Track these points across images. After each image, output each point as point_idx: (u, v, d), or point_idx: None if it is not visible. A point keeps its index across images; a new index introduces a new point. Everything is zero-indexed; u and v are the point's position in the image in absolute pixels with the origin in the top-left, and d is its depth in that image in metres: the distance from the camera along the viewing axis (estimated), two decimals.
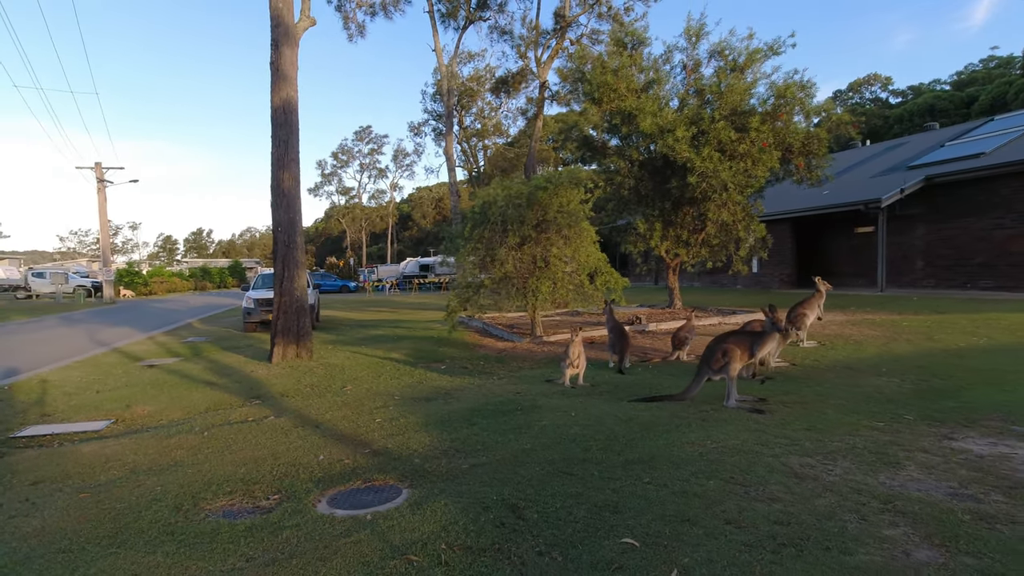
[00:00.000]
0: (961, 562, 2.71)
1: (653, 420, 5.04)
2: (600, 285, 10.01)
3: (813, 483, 3.64)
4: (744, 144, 11.02)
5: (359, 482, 4.11)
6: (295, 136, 10.06)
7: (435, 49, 21.05)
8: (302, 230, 10.28)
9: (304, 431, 5.52)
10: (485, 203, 10.13)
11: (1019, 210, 14.54)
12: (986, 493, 3.46)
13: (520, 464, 4.20)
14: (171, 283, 43.13)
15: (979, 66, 58.28)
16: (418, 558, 2.93)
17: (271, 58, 9.92)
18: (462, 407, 6.07)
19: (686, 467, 3.94)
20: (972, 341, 8.43)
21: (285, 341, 9.83)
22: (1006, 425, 4.73)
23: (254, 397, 7.47)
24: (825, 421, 4.95)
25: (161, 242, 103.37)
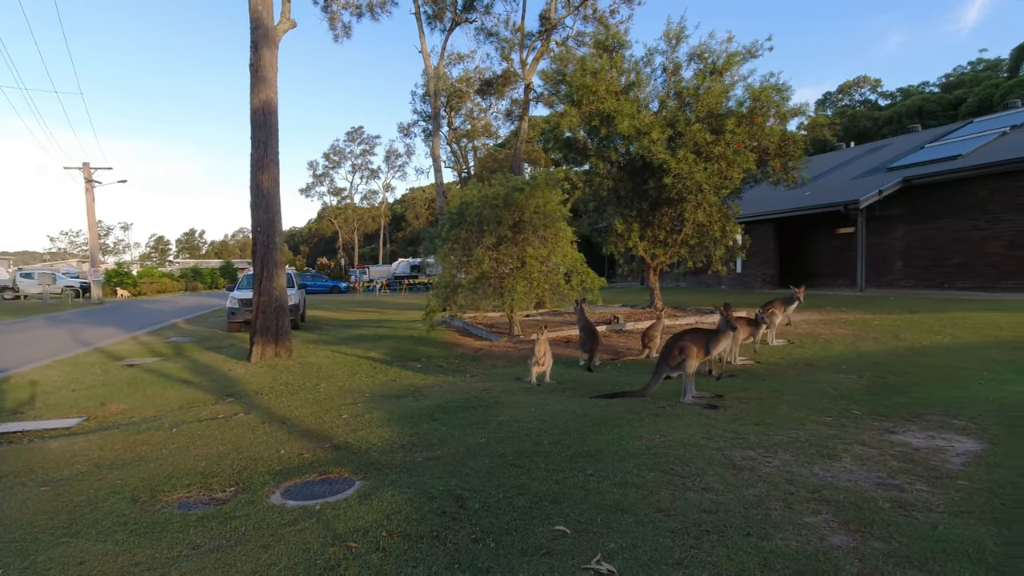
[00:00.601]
0: (871, 546, 2.85)
1: (608, 415, 5.18)
2: (576, 285, 10.15)
3: (749, 474, 3.78)
4: (719, 146, 11.19)
5: (315, 475, 4.22)
6: (274, 138, 10.15)
7: (421, 51, 21.21)
8: (281, 231, 10.37)
9: (270, 427, 5.63)
10: (462, 204, 10.26)
11: (994, 212, 14.77)
12: (911, 483, 3.61)
13: (472, 457, 4.33)
14: (161, 284, 43.04)
15: (967, 68, 58.84)
16: (357, 544, 3.05)
17: (250, 59, 10.01)
18: (429, 404, 6.19)
19: (631, 460, 4.07)
20: (936, 339, 8.61)
21: (264, 340, 9.92)
22: (947, 419, 4.89)
23: (228, 395, 7.57)
24: (775, 416, 5.10)
25: (153, 243, 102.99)
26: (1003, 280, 14.59)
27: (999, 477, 3.65)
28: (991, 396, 5.57)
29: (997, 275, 14.75)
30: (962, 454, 4.11)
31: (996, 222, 14.76)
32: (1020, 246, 14.26)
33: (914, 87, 60.87)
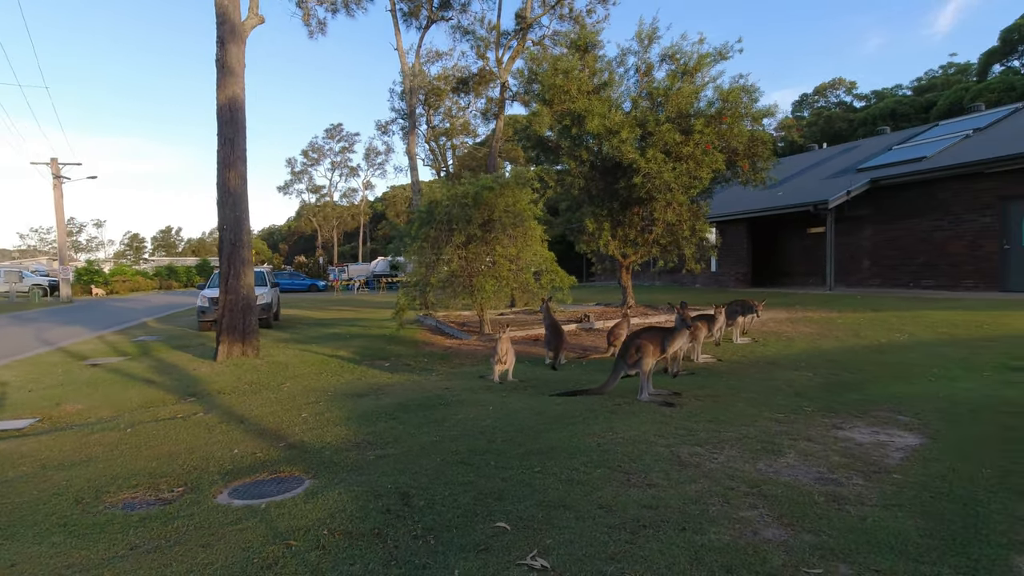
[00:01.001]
0: (801, 539, 2.92)
1: (565, 413, 5.22)
2: (546, 283, 10.20)
3: (694, 470, 3.84)
4: (688, 146, 11.31)
5: (266, 474, 4.21)
6: (242, 134, 10.05)
7: (397, 48, 21.11)
8: (249, 229, 10.27)
9: (228, 426, 5.59)
10: (431, 202, 10.26)
11: (956, 212, 15.13)
12: (849, 477, 3.70)
13: (425, 455, 4.34)
14: (134, 282, 42.29)
15: (939, 72, 60.03)
16: (297, 543, 3.05)
17: (216, 55, 9.89)
18: (390, 402, 6.19)
19: (580, 457, 4.12)
20: (894, 337, 8.81)
21: (231, 339, 9.81)
22: (893, 415, 5.01)
23: (190, 395, 7.49)
24: (729, 413, 5.18)
25: (128, 240, 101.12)
26: (964, 279, 14.96)
27: (933, 471, 3.75)
28: (938, 393, 5.72)
29: (959, 274, 15.12)
30: (902, 449, 4.22)
31: (958, 223, 15.12)
32: (980, 246, 14.63)
33: (888, 90, 62.00)
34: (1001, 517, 3.12)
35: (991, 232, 14.48)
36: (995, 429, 4.57)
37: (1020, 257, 13.98)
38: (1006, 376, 6.24)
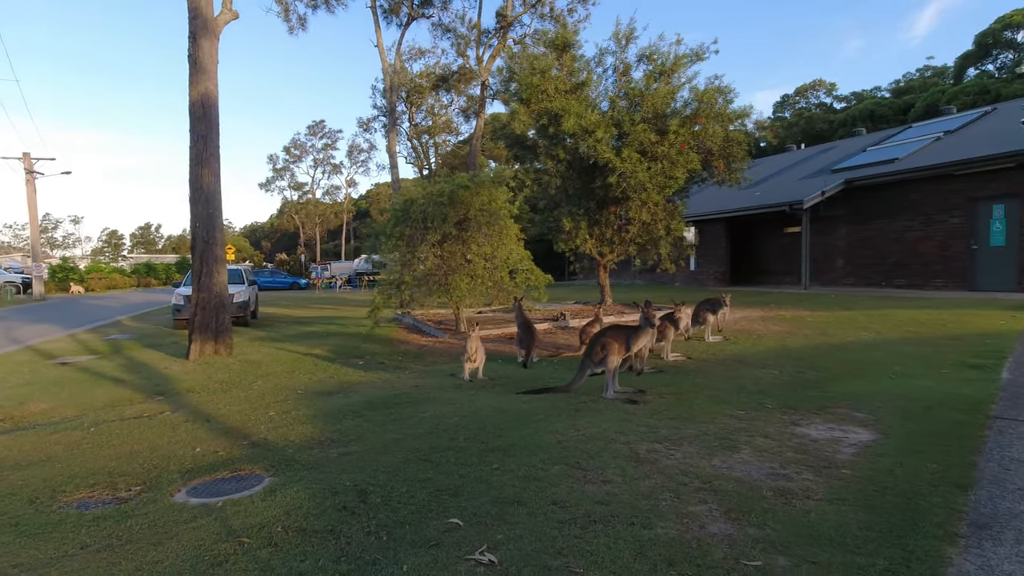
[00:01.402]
0: (745, 532, 2.99)
1: (530, 411, 5.27)
2: (521, 282, 10.25)
3: (650, 467, 3.91)
4: (663, 146, 11.42)
5: (226, 472, 4.20)
6: (215, 131, 9.96)
7: (377, 45, 21.01)
8: (222, 226, 10.19)
9: (193, 425, 5.56)
10: (407, 201, 10.26)
11: (927, 213, 15.43)
12: (799, 472, 3.78)
13: (387, 452, 4.37)
14: (111, 279, 41.61)
15: (916, 75, 61.07)
16: (250, 540, 3.06)
17: (188, 51, 9.79)
18: (358, 400, 6.20)
19: (539, 454, 4.17)
20: (860, 336, 8.98)
21: (203, 338, 9.74)
22: (850, 412, 5.13)
23: (158, 393, 7.43)
24: (691, 410, 5.26)
25: (106, 237, 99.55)
26: (934, 279, 15.27)
27: (880, 466, 3.86)
28: (896, 390, 5.85)
29: (929, 274, 15.43)
30: (854, 445, 4.32)
31: (929, 223, 15.43)
32: (950, 246, 14.94)
33: (867, 91, 62.94)
34: (940, 510, 3.22)
35: (960, 233, 14.80)
36: (946, 425, 4.69)
37: (987, 257, 14.30)
38: (963, 374, 6.40)
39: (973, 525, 3.07)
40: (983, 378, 6.10)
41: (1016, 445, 4.22)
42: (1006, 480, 3.62)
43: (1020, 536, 2.94)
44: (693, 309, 9.55)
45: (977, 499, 3.37)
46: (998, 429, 4.56)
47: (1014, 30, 44.29)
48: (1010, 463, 3.89)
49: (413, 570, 2.74)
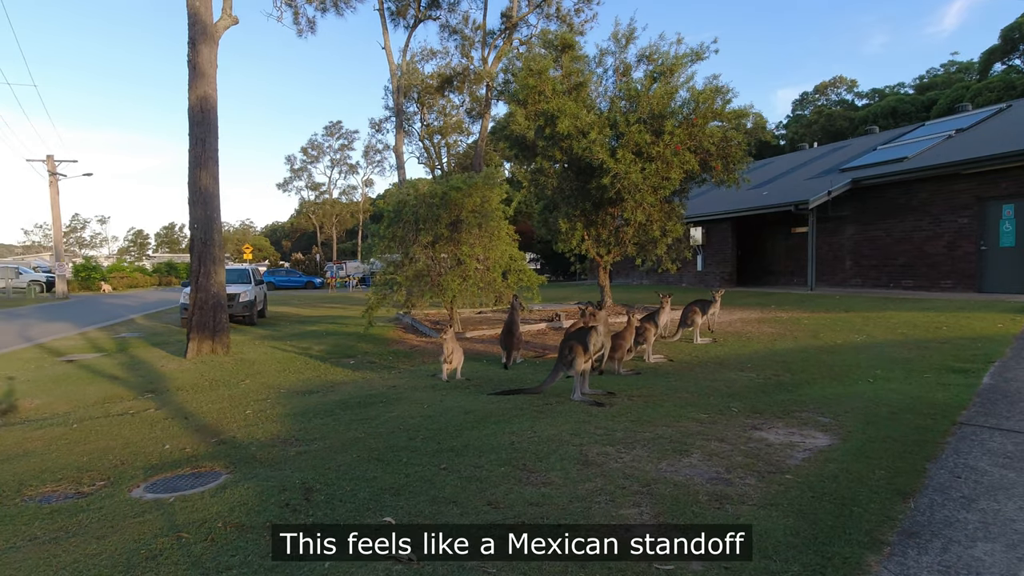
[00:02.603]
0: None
1: (494, 412, 5.33)
2: (513, 282, 10.31)
3: (595, 469, 3.94)
4: (658, 147, 11.37)
5: (188, 469, 4.34)
6: (213, 135, 10.18)
7: (385, 47, 21.20)
8: (220, 227, 10.41)
9: (171, 422, 5.72)
10: (399, 202, 10.38)
11: (935, 213, 15.13)
12: (742, 477, 3.79)
13: (344, 451, 4.46)
14: (132, 278, 42.58)
15: (940, 71, 59.81)
16: (189, 535, 3.18)
17: (188, 56, 10.02)
18: (335, 399, 6.32)
19: (490, 455, 4.23)
20: (851, 338, 8.87)
21: (200, 337, 9.96)
22: (815, 416, 5.10)
23: (149, 391, 7.63)
24: (655, 413, 5.28)
25: (132, 236, 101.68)
26: (942, 280, 14.97)
27: (826, 471, 3.84)
28: (869, 394, 5.79)
29: (937, 275, 15.13)
30: (808, 450, 4.30)
31: (937, 223, 15.12)
32: (958, 247, 14.63)
33: (890, 88, 61.82)
34: (873, 517, 3.21)
35: (969, 233, 14.48)
36: (907, 431, 4.64)
37: (996, 258, 13.99)
38: (943, 378, 6.30)
39: (903, 533, 3.06)
40: (962, 383, 6.01)
41: (974, 452, 4.17)
42: (952, 488, 3.59)
43: (947, 545, 2.93)
44: (682, 310, 9.52)
45: (916, 507, 3.35)
46: (961, 436, 4.51)
47: None
48: (962, 471, 3.85)
49: (335, 566, 2.83)
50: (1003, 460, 3.95)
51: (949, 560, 2.77)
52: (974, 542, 2.92)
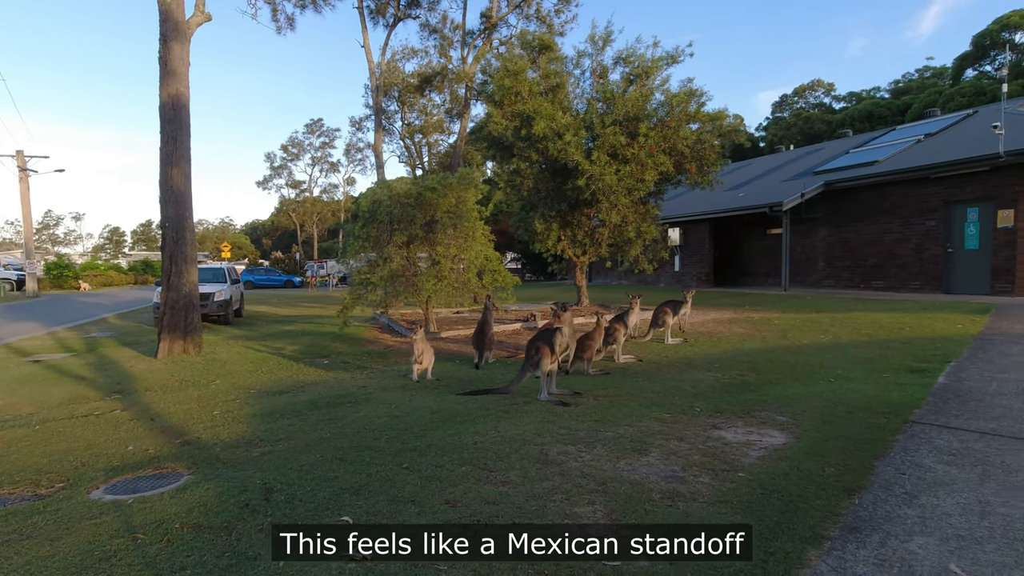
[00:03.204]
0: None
1: (460, 412, 5.38)
2: (488, 283, 10.36)
3: (554, 468, 4.01)
4: (633, 149, 11.51)
5: (150, 470, 4.32)
6: (185, 132, 10.08)
7: (364, 45, 21.13)
8: (192, 227, 10.32)
9: (136, 423, 5.69)
10: (374, 202, 10.38)
11: (904, 216, 15.49)
12: (697, 475, 3.88)
13: (308, 451, 4.48)
14: (106, 277, 41.88)
15: (915, 76, 61.01)
16: (145, 536, 3.18)
17: (159, 52, 9.91)
18: (304, 400, 6.32)
19: (452, 454, 4.28)
20: (817, 339, 9.07)
21: (172, 336, 9.87)
22: (774, 416, 5.22)
23: (116, 392, 7.55)
24: (618, 413, 5.37)
25: (108, 234, 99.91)
26: (911, 281, 15.33)
27: (777, 469, 3.95)
28: (829, 393, 5.94)
29: (906, 276, 15.50)
30: (764, 448, 4.41)
31: (906, 226, 15.48)
32: (926, 249, 15.00)
33: (866, 92, 62.92)
34: (818, 512, 3.32)
35: (936, 235, 14.85)
36: (861, 429, 4.78)
37: (962, 260, 14.36)
38: (901, 378, 6.48)
39: (845, 528, 3.17)
40: (918, 383, 6.18)
41: (922, 450, 4.31)
42: (896, 484, 3.72)
43: (885, 539, 3.04)
44: (654, 310, 9.65)
45: (861, 503, 3.46)
46: (911, 434, 4.65)
47: (1011, 31, 44.15)
48: (908, 467, 3.98)
49: (289, 565, 2.86)
50: (947, 457, 4.09)
51: (885, 553, 2.87)
52: (911, 536, 3.03)
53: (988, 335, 8.66)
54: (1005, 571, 2.64)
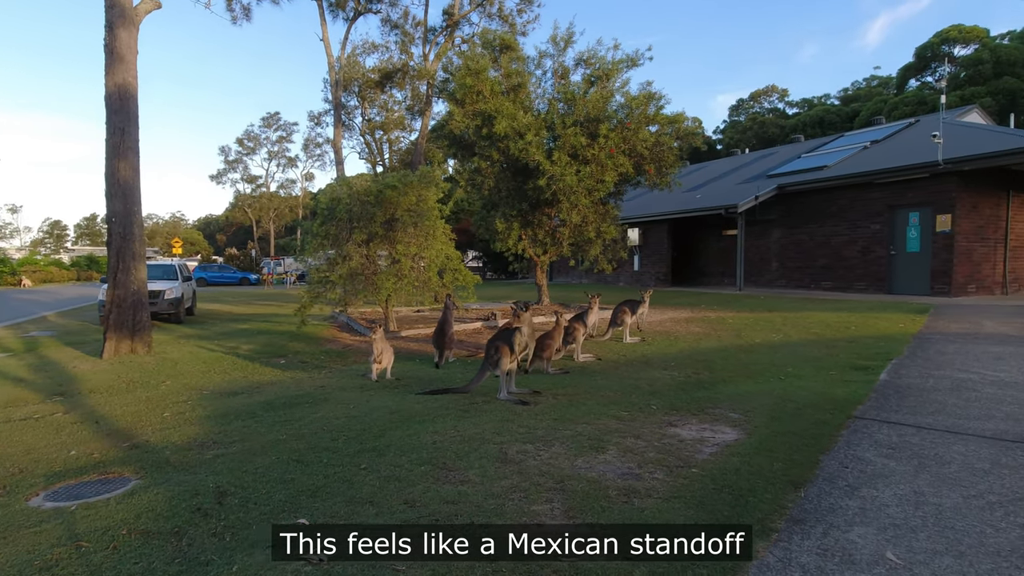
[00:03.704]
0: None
1: (420, 411, 5.37)
2: (448, 282, 10.33)
3: (513, 467, 4.04)
4: (593, 149, 11.66)
5: (95, 475, 4.17)
6: (133, 124, 9.72)
7: (323, 39, 20.75)
8: (141, 222, 9.96)
9: (80, 427, 5.47)
10: (332, 199, 10.23)
11: (851, 219, 16.13)
12: (652, 472, 3.97)
13: (263, 453, 4.40)
14: (46, 272, 39.93)
15: (863, 84, 63.51)
16: (90, 544, 3.07)
17: (105, 40, 9.52)
18: (259, 401, 6.19)
19: (411, 454, 4.26)
20: (769, 337, 9.37)
21: (119, 336, 9.51)
22: (726, 413, 5.38)
23: (58, 394, 7.23)
24: (577, 412, 5.44)
25: (48, 227, 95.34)
26: (857, 281, 15.98)
27: (729, 465, 4.07)
28: (779, 391, 6.14)
29: (853, 277, 16.14)
30: (717, 445, 4.54)
31: (853, 229, 16.13)
32: (871, 251, 15.66)
33: (818, 98, 65.15)
34: (766, 506, 3.44)
35: (881, 238, 15.52)
36: (808, 425, 4.97)
37: (904, 262, 15.04)
38: (846, 375, 6.76)
39: (791, 520, 3.29)
40: (862, 379, 6.46)
41: (864, 444, 4.51)
42: (839, 477, 3.88)
43: (828, 530, 3.17)
44: (613, 309, 9.79)
45: (806, 495, 3.60)
46: (854, 429, 4.86)
47: (951, 44, 46.37)
48: (850, 461, 4.15)
49: (243, 569, 2.81)
50: (887, 451, 4.29)
51: (827, 544, 3.00)
52: (851, 527, 3.17)
53: (927, 334, 9.11)
54: (936, 557, 2.79)
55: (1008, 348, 7.92)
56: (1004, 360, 7.21)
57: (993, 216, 14.72)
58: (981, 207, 14.44)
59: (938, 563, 2.74)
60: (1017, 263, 15.36)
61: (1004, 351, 7.73)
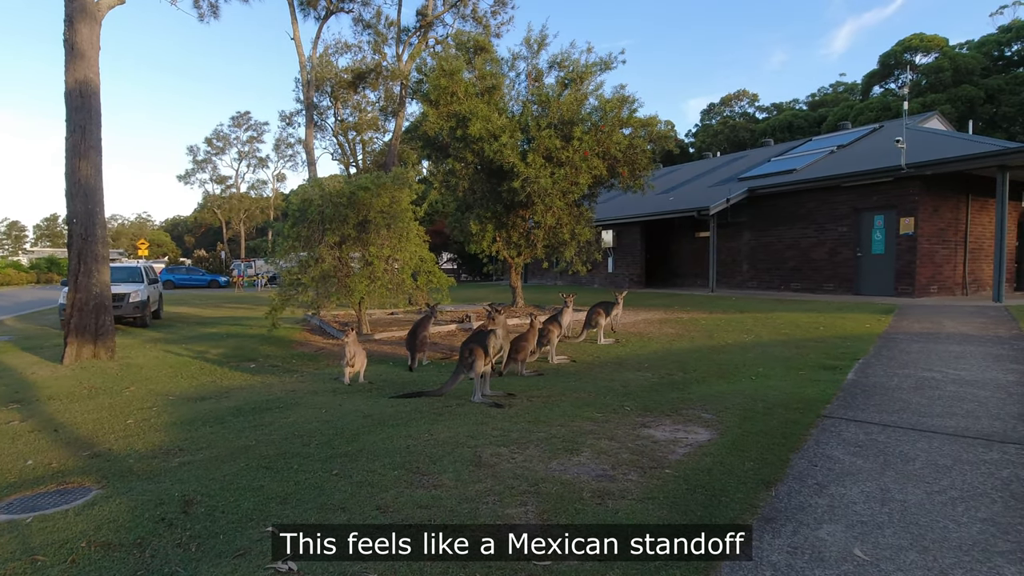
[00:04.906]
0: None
1: (392, 415, 5.31)
2: (423, 284, 10.26)
3: (487, 471, 4.01)
4: (567, 152, 11.70)
5: (53, 485, 4.02)
6: (95, 122, 9.44)
7: (294, 38, 20.44)
8: (104, 222, 9.66)
9: (37, 435, 5.27)
10: (304, 201, 10.08)
11: (819, 222, 16.48)
12: (626, 473, 3.98)
13: (231, 460, 4.29)
14: (4, 275, 38.58)
15: (830, 90, 65.02)
16: (45, 558, 2.96)
17: (64, 35, 9.22)
18: (227, 406, 6.05)
19: (384, 459, 4.21)
20: (741, 338, 9.51)
21: (80, 341, 9.22)
22: (699, 413, 5.43)
23: (15, 401, 6.96)
24: (551, 414, 5.43)
25: (5, 228, 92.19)
26: (825, 283, 16.33)
27: (702, 465, 4.10)
28: (750, 391, 6.23)
29: (821, 278, 16.49)
30: (690, 445, 4.58)
31: (821, 231, 16.48)
32: (838, 253, 16.02)
33: (786, 103, 66.51)
34: (738, 505, 3.47)
35: (848, 240, 15.89)
36: (778, 424, 5.04)
37: (870, 264, 15.43)
38: (815, 375, 6.89)
39: (762, 519, 3.32)
40: (830, 379, 6.59)
41: (832, 443, 4.59)
42: (808, 476, 3.93)
43: (798, 528, 3.21)
44: (587, 311, 9.83)
45: (777, 494, 3.65)
46: (823, 428, 4.94)
47: (913, 52, 47.76)
48: (819, 459, 4.22)
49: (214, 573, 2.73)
50: (854, 449, 4.37)
51: (797, 541, 3.04)
52: (820, 524, 3.22)
53: (891, 334, 9.34)
54: (902, 553, 2.84)
55: (968, 347, 8.17)
56: (964, 359, 7.43)
57: (953, 219, 15.19)
58: (942, 211, 14.89)
59: (903, 558, 2.80)
60: (976, 265, 15.87)
61: (964, 350, 7.96)
